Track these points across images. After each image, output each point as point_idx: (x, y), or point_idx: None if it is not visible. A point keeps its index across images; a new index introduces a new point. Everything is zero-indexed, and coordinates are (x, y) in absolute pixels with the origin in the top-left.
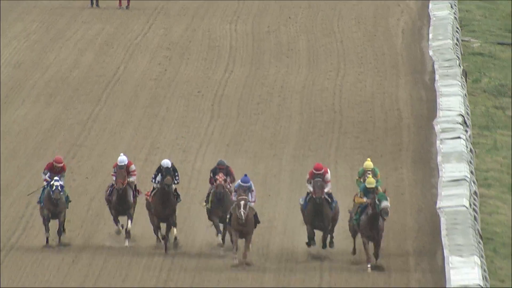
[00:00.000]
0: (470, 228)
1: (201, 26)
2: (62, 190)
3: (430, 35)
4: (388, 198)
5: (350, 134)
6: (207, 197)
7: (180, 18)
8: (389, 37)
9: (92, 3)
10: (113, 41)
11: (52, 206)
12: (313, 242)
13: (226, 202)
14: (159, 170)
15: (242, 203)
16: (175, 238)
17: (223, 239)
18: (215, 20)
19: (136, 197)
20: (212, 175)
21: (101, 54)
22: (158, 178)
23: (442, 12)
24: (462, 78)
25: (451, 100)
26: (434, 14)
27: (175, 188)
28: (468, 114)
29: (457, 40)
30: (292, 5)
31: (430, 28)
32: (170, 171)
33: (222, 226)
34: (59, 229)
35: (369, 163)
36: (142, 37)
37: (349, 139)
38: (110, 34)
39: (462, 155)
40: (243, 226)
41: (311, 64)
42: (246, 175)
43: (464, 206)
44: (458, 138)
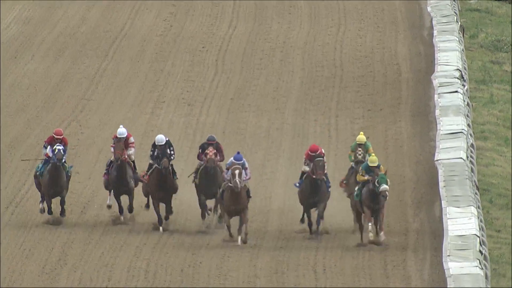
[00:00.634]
0: (467, 179)
1: None
2: (65, 154)
3: None
4: (388, 181)
5: (351, 88)
6: (196, 172)
7: None
8: None
9: None
10: None
11: (52, 182)
12: (303, 221)
13: (216, 178)
14: (155, 146)
15: (237, 172)
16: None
17: (216, 212)
18: None
19: (136, 172)
20: (201, 151)
21: (108, 10)
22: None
23: None
24: (459, 33)
25: (449, 55)
26: None
27: (172, 165)
28: (465, 69)
29: None
30: None
31: None
32: (165, 150)
33: (215, 202)
34: (62, 210)
35: (361, 137)
36: None
37: (349, 93)
38: None
39: (460, 109)
40: (236, 203)
41: (313, 20)
42: (238, 153)
43: (461, 158)
44: (456, 92)
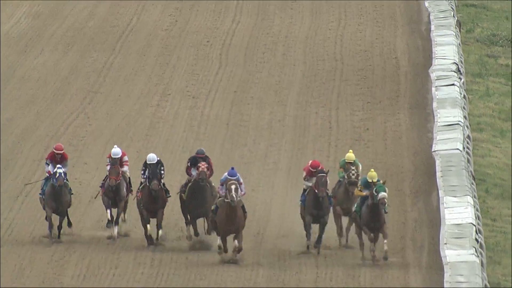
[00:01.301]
0: (464, 170)
1: None
2: (65, 177)
3: None
4: (386, 190)
5: (351, 82)
6: (184, 187)
7: None
8: None
9: None
10: None
11: (54, 200)
12: (308, 236)
13: (205, 195)
14: (146, 165)
15: (233, 187)
16: (158, 236)
17: (209, 231)
18: None
19: (129, 190)
20: (189, 164)
21: (115, 5)
22: (147, 173)
23: None
24: (456, 28)
25: (446, 49)
26: None
27: (163, 183)
28: (462, 62)
29: None
30: None
31: None
32: (155, 170)
33: (203, 220)
34: (68, 222)
35: (351, 155)
36: None
37: (349, 86)
38: None
39: (456, 101)
40: (232, 221)
41: (314, 15)
42: (233, 168)
43: (458, 149)
44: (453, 85)
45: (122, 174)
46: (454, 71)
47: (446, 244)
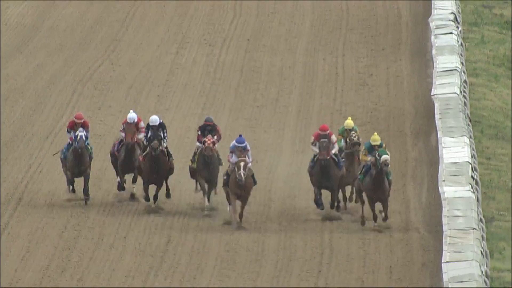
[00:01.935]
0: (461, 112)
1: None
2: (87, 140)
3: None
4: (388, 153)
5: (356, 30)
6: (194, 156)
7: None
8: None
9: None
10: None
11: (76, 163)
12: (321, 207)
13: (212, 165)
14: (149, 127)
15: (242, 164)
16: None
17: (209, 200)
18: None
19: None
20: (199, 132)
21: None
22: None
23: None
24: None
25: None
26: None
27: (166, 146)
28: (459, 12)
29: None
30: None
31: None
32: (157, 132)
33: (207, 187)
34: (85, 187)
35: (349, 122)
36: None
37: (354, 35)
38: None
39: (454, 48)
40: (242, 188)
41: None
42: (241, 136)
43: (455, 93)
44: (450, 33)
45: (137, 141)
46: (452, 21)
47: (444, 181)
